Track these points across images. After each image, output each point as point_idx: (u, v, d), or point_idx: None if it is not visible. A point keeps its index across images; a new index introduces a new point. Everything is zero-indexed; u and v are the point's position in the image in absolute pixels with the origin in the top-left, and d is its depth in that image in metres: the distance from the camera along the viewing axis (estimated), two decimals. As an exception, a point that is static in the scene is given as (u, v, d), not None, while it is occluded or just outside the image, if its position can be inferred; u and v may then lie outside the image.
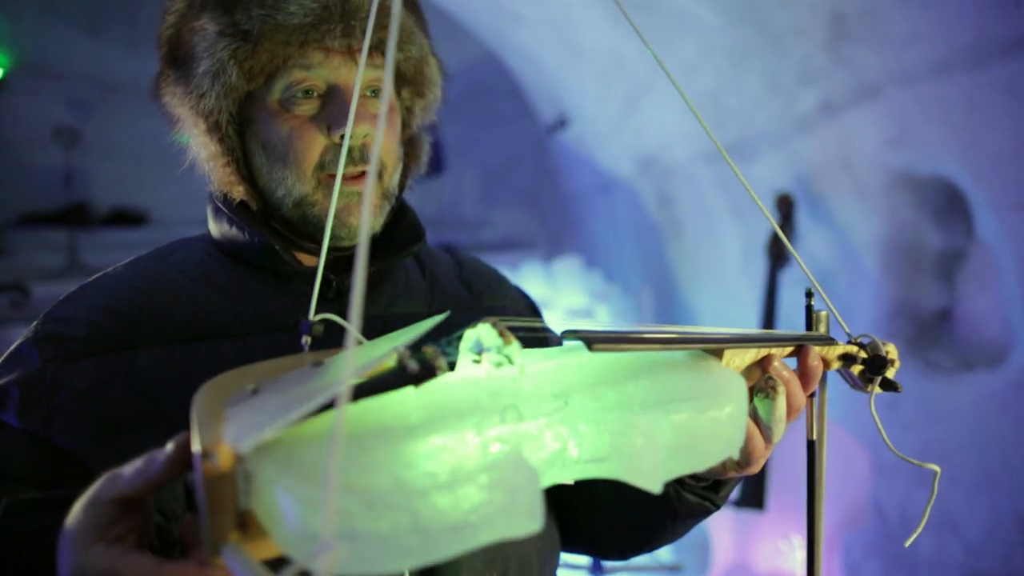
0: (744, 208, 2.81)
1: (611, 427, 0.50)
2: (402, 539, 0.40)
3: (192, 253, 0.85)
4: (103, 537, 0.46)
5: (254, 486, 0.42)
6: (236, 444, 0.41)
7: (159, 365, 0.74)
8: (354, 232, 0.80)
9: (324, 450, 0.43)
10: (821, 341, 0.69)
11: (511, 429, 0.48)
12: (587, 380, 0.55)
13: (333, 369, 0.52)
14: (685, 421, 0.53)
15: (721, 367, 0.60)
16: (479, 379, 0.53)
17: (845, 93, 2.21)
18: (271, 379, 0.52)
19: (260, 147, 0.80)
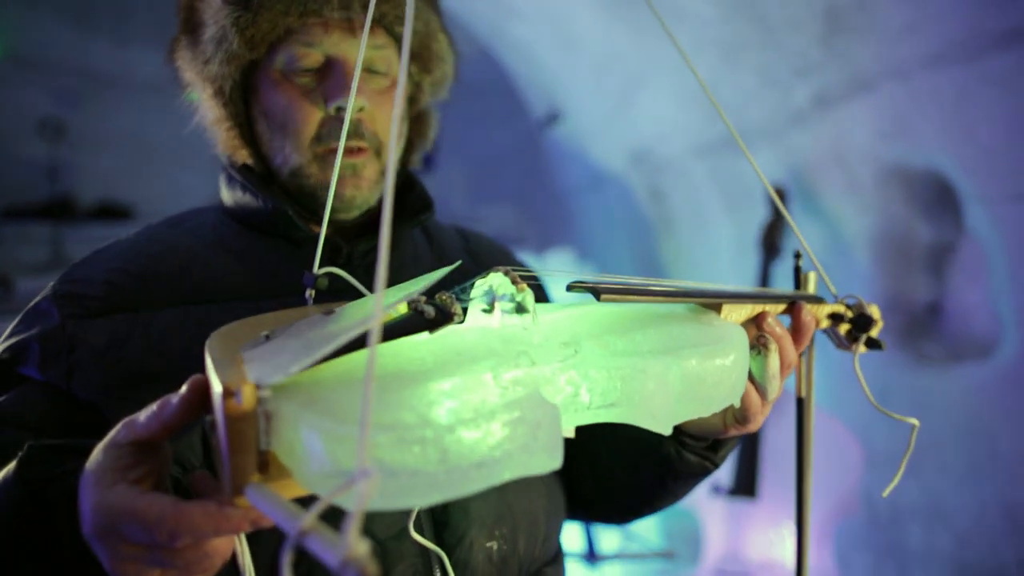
0: (736, 202, 2.83)
1: (622, 373, 0.52)
2: (430, 473, 0.40)
3: (205, 220, 0.87)
4: (123, 478, 0.47)
5: (275, 425, 0.42)
6: (263, 381, 0.41)
7: (174, 325, 0.75)
8: (348, 204, 0.82)
9: (346, 388, 0.44)
10: (812, 300, 0.72)
11: (527, 372, 0.49)
12: (595, 329, 0.57)
13: (349, 313, 0.53)
14: (693, 367, 0.55)
15: (721, 320, 0.63)
16: (491, 327, 0.54)
17: (839, 86, 2.22)
18: (283, 327, 0.52)
19: (262, 115, 0.82)
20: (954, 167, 2.10)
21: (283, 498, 0.40)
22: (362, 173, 0.81)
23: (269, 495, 0.40)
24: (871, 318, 0.72)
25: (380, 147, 0.82)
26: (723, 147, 2.76)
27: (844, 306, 0.74)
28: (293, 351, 0.44)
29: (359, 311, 0.53)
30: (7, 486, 0.56)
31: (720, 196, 2.90)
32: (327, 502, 0.35)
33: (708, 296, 0.64)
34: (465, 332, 0.53)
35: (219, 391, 0.42)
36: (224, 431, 0.42)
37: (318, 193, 0.81)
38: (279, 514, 0.38)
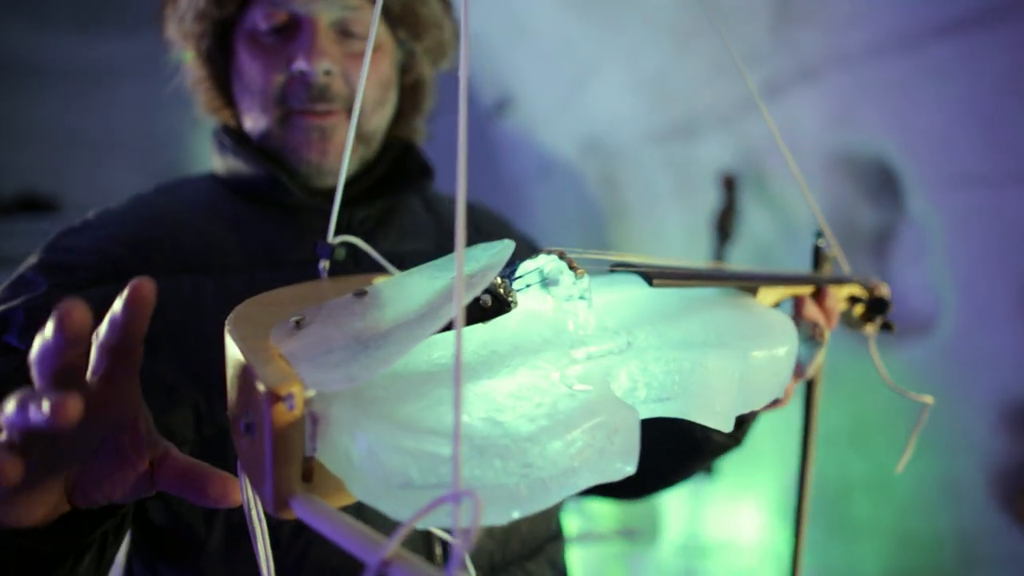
0: (686, 188, 2.87)
1: (680, 366, 0.48)
2: (511, 488, 0.36)
3: (198, 187, 0.84)
4: None
5: (324, 430, 0.38)
6: (325, 387, 0.37)
7: (166, 294, 0.72)
8: (316, 169, 0.79)
9: (405, 386, 0.39)
10: (838, 281, 0.72)
11: (589, 368, 0.45)
12: (642, 316, 0.53)
13: (391, 297, 0.48)
14: (755, 360, 0.52)
15: (763, 306, 0.61)
16: (539, 314, 0.50)
17: (787, 75, 2.28)
18: (312, 310, 0.47)
19: (236, 76, 0.80)
20: (896, 153, 2.18)
21: (344, 515, 0.36)
22: (331, 137, 0.78)
23: (325, 509, 0.37)
24: (887, 300, 0.72)
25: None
26: (674, 134, 2.80)
27: (861, 287, 0.74)
28: (346, 347, 0.40)
29: (402, 293, 0.48)
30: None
31: (671, 182, 2.94)
32: (411, 526, 0.32)
33: (745, 279, 0.62)
34: (511, 320, 0.48)
35: (264, 394, 0.37)
36: (270, 439, 0.37)
37: (284, 156, 0.78)
38: (345, 535, 0.34)
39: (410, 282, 0.51)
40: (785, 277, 0.67)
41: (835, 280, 0.72)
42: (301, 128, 0.77)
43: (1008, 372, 2.03)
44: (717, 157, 2.61)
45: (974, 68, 1.87)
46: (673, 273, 0.55)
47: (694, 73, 2.54)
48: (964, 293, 2.10)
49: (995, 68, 1.82)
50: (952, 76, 1.92)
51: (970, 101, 1.91)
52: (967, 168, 2.01)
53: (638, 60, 2.63)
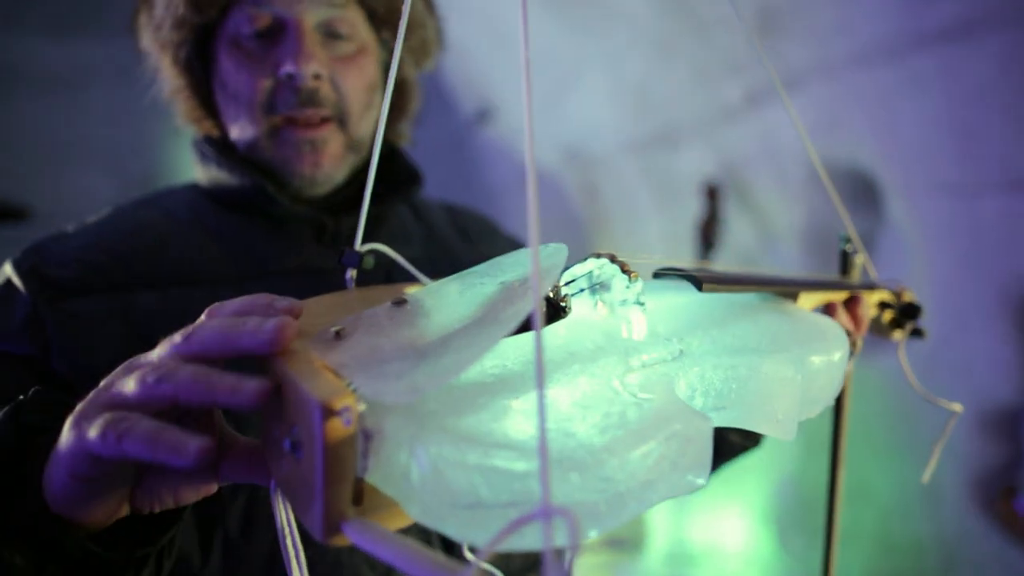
0: (668, 198, 2.89)
1: (738, 373, 0.46)
2: (590, 504, 0.34)
3: (179, 199, 0.81)
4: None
5: (377, 447, 0.35)
6: (389, 398, 0.33)
7: (156, 308, 0.70)
8: (309, 182, 0.76)
9: (462, 398, 0.37)
10: (871, 287, 0.71)
11: (648, 375, 0.43)
12: (693, 322, 0.51)
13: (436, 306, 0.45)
14: (814, 365, 0.50)
15: (809, 312, 0.59)
16: (589, 320, 0.47)
17: (769, 84, 2.31)
18: (350, 320, 0.44)
19: (219, 84, 0.77)
20: (877, 162, 2.22)
21: (407, 539, 0.33)
22: (322, 149, 0.75)
23: (384, 533, 0.33)
24: (918, 307, 0.72)
25: (345, 117, 0.76)
26: (655, 143, 2.81)
27: (891, 293, 0.74)
28: (402, 357, 0.37)
29: (446, 302, 0.46)
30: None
31: (652, 191, 2.96)
32: (494, 547, 0.29)
33: (788, 284, 0.61)
34: (562, 327, 0.46)
35: (317, 408, 0.34)
36: (322, 458, 0.34)
37: (275, 168, 0.76)
38: (411, 560, 0.31)
39: (451, 290, 0.48)
40: (823, 283, 0.66)
41: (867, 286, 0.72)
42: (292, 142, 0.74)
43: (986, 378, 2.06)
44: (698, 166, 2.63)
45: (954, 79, 1.91)
46: (722, 278, 0.53)
47: (676, 82, 2.56)
48: (942, 300, 2.13)
49: (974, 79, 1.86)
50: (932, 87, 1.96)
51: (949, 111, 1.95)
52: (945, 177, 2.04)
53: (619, 69, 2.65)
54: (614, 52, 2.63)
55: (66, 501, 0.43)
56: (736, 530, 2.16)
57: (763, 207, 2.54)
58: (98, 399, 0.42)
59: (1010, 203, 1.91)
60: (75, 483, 0.42)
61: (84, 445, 0.40)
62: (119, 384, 0.42)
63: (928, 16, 1.85)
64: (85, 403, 0.42)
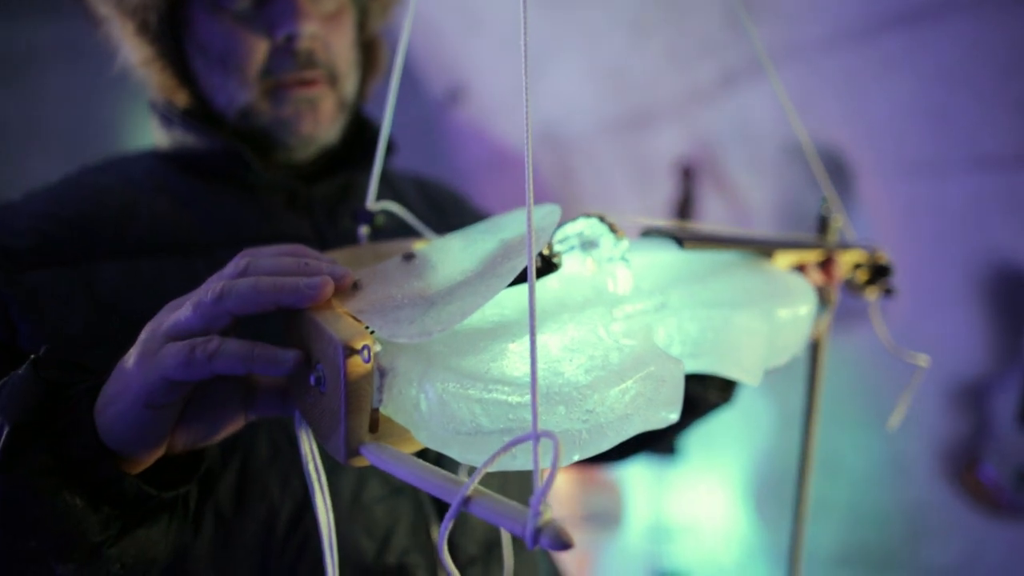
0: (642, 179, 2.90)
1: (714, 324, 0.51)
2: (574, 433, 0.38)
3: (137, 165, 0.76)
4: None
5: (392, 382, 0.40)
6: (403, 336, 0.38)
7: (123, 280, 0.66)
8: (307, 141, 0.75)
9: (467, 338, 0.41)
10: (846, 247, 0.75)
11: (630, 324, 0.47)
12: (674, 278, 0.56)
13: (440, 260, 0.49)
14: (781, 318, 0.56)
15: (781, 270, 0.64)
16: (579, 275, 0.52)
17: (742, 66, 2.32)
18: (366, 272, 0.49)
19: (199, 51, 0.73)
20: (846, 143, 2.25)
21: (416, 459, 0.37)
22: (319, 107, 0.74)
23: (397, 455, 0.38)
24: (888, 266, 0.76)
25: (335, 76, 0.75)
26: (630, 124, 2.82)
27: (865, 254, 0.77)
28: (413, 304, 0.41)
29: (451, 256, 0.50)
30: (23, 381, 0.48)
31: (627, 173, 2.97)
32: (489, 465, 0.33)
33: (765, 244, 0.65)
34: (554, 281, 0.51)
35: (340, 346, 0.38)
36: (344, 390, 0.39)
37: (272, 131, 0.73)
38: (421, 476, 0.35)
39: (455, 246, 0.52)
40: (798, 243, 0.71)
41: (842, 247, 0.76)
42: (290, 100, 0.72)
43: (953, 354, 2.12)
44: (673, 147, 2.65)
45: (922, 60, 1.94)
46: (703, 237, 0.58)
47: (651, 63, 2.56)
48: (910, 279, 2.18)
49: (943, 61, 1.90)
50: (901, 68, 1.99)
51: (918, 93, 1.99)
52: (914, 157, 2.09)
53: (594, 50, 2.64)
54: (589, 32, 2.62)
55: (128, 438, 0.45)
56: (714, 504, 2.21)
57: (737, 187, 2.57)
58: (155, 334, 0.44)
59: (979, 182, 1.96)
60: (148, 414, 0.44)
61: (163, 374, 0.42)
62: (172, 318, 0.43)
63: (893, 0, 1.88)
64: (142, 342, 0.44)
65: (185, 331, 0.43)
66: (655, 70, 2.56)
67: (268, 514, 0.65)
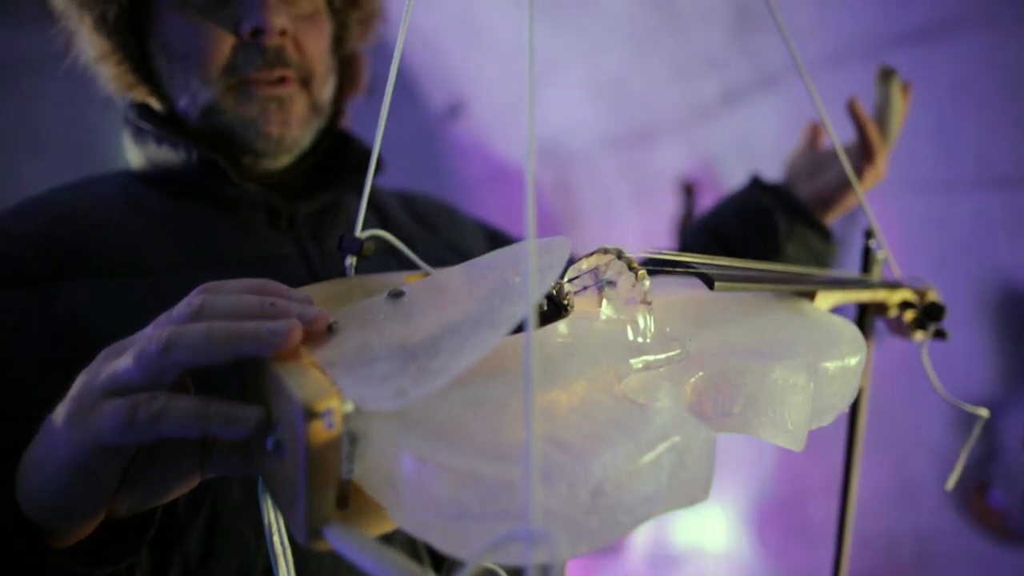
0: (644, 195, 2.87)
1: (747, 378, 0.44)
2: (578, 520, 0.32)
3: (110, 185, 0.72)
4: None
5: (363, 450, 0.33)
6: (371, 404, 0.32)
7: (87, 302, 0.61)
8: (277, 144, 0.70)
9: (451, 400, 0.34)
10: (893, 286, 0.69)
11: (652, 378, 0.40)
12: (702, 321, 0.49)
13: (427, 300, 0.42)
14: (825, 371, 0.48)
15: (825, 312, 0.57)
16: (593, 318, 0.45)
17: (747, 81, 2.30)
18: (344, 312, 0.42)
19: (160, 48, 0.69)
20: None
21: (389, 550, 0.31)
22: (289, 108, 0.69)
23: (365, 541, 0.32)
24: (941, 307, 0.70)
25: (309, 78, 0.71)
26: (632, 140, 2.79)
27: (914, 292, 0.72)
28: (391, 356, 0.35)
29: (444, 296, 0.43)
30: None
31: (628, 189, 2.94)
32: (476, 567, 0.27)
33: (805, 282, 0.59)
34: (563, 325, 0.44)
35: (299, 409, 0.32)
36: (304, 461, 0.32)
37: (238, 132, 0.69)
38: (390, 572, 0.30)
39: (450, 282, 0.46)
40: (841, 280, 0.65)
41: (888, 284, 0.70)
42: (257, 98, 0.68)
43: (960, 374, 2.08)
44: (675, 163, 2.62)
45: (929, 78, 1.91)
46: (736, 276, 0.51)
47: (653, 78, 2.54)
48: (917, 297, 2.15)
49: (948, 78, 1.87)
50: (907, 85, 1.96)
51: (924, 110, 1.96)
52: (920, 174, 2.06)
53: (595, 64, 2.62)
54: (590, 47, 2.60)
55: (56, 508, 0.39)
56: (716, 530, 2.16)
57: (739, 204, 2.54)
58: (90, 388, 0.38)
59: (985, 201, 1.93)
60: (81, 482, 0.38)
61: (98, 437, 0.36)
62: (111, 369, 0.37)
63: (903, 16, 1.85)
64: (74, 398, 0.38)
65: (125, 386, 0.37)
66: (657, 86, 2.53)
67: (242, 566, 0.60)
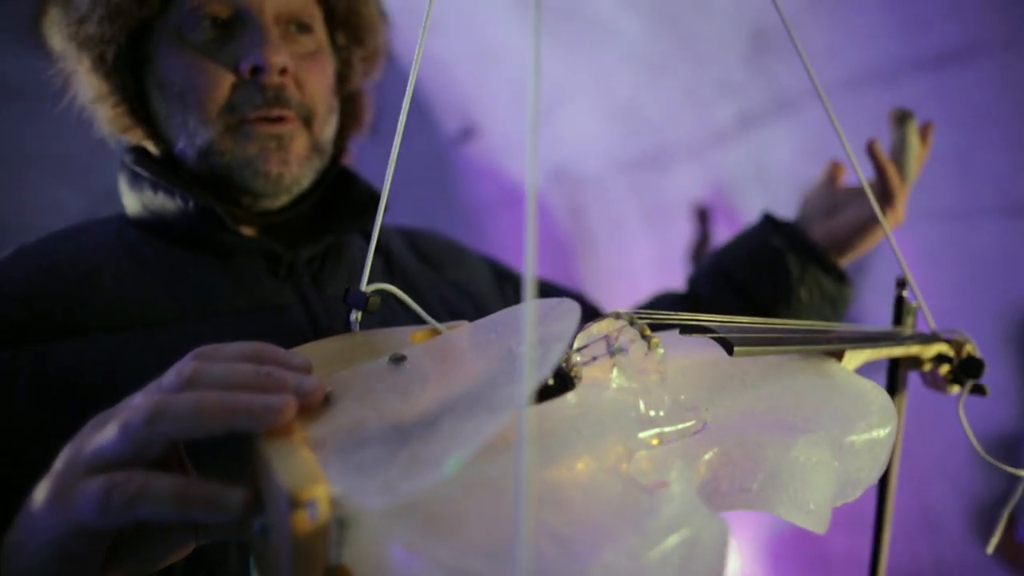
0: (657, 219, 2.85)
1: (766, 452, 0.41)
2: None
3: (105, 231, 0.69)
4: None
5: (352, 537, 0.32)
6: (356, 500, 0.30)
7: (77, 360, 0.58)
8: (275, 184, 0.68)
9: (446, 489, 0.32)
10: (927, 339, 0.65)
11: (663, 455, 0.38)
12: (719, 388, 0.46)
13: (428, 371, 0.40)
14: (851, 445, 0.45)
15: (852, 375, 0.53)
16: (602, 387, 0.42)
17: (762, 106, 2.28)
18: (343, 379, 0.40)
19: (158, 88, 0.67)
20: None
21: None
22: (289, 146, 0.67)
23: None
24: (980, 362, 0.66)
25: (310, 117, 0.69)
26: (644, 164, 2.78)
27: (949, 345, 0.68)
28: (383, 439, 0.33)
29: (448, 364, 0.41)
30: None
31: (641, 213, 2.92)
32: None
33: (831, 340, 0.55)
34: (570, 396, 0.41)
35: (283, 498, 0.30)
36: (288, 549, 0.31)
37: (236, 172, 0.66)
38: None
39: (457, 346, 0.43)
40: (872, 336, 0.61)
41: (923, 338, 0.66)
42: (255, 137, 0.66)
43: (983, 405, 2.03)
44: (689, 188, 2.60)
45: (948, 103, 1.89)
46: (758, 338, 0.48)
47: (667, 103, 2.53)
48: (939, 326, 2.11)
49: (968, 104, 1.84)
50: (926, 110, 1.93)
51: (944, 136, 1.93)
52: (941, 202, 2.02)
53: (608, 88, 2.61)
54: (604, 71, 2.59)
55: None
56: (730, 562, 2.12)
57: (755, 230, 2.52)
58: (74, 465, 0.36)
59: (1008, 228, 1.89)
60: (64, 565, 0.36)
61: (78, 519, 0.34)
62: (95, 443, 0.35)
63: (922, 40, 1.83)
64: (57, 475, 0.36)
65: (108, 461, 0.35)
66: (671, 110, 2.52)
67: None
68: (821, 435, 0.43)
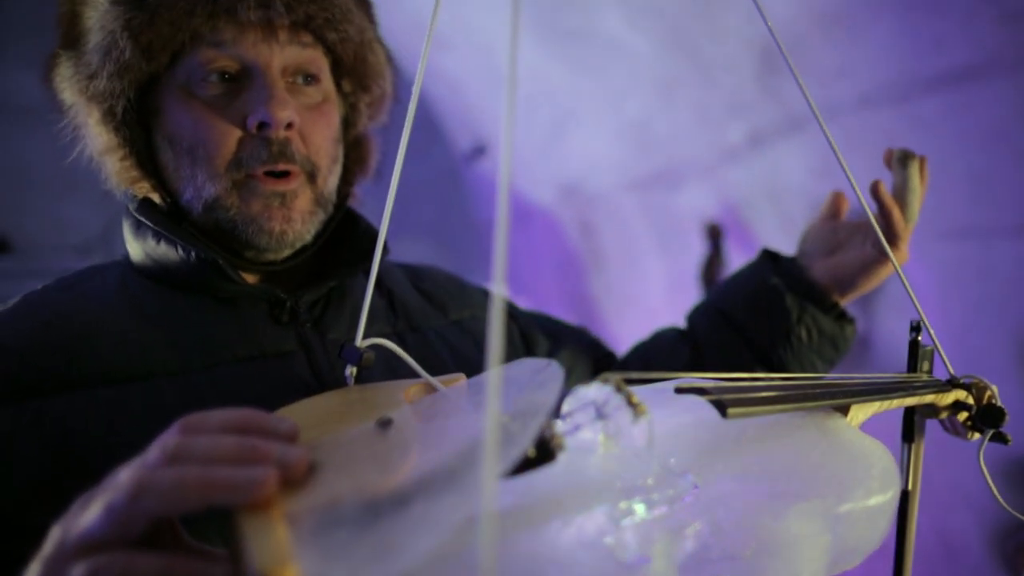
0: (668, 237, 2.84)
1: (758, 519, 0.40)
2: None
3: (108, 279, 0.70)
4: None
5: None
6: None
7: (79, 414, 0.58)
8: (278, 241, 0.68)
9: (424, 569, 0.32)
10: (943, 386, 0.63)
11: (649, 527, 0.37)
12: (710, 451, 0.44)
13: (412, 435, 0.39)
14: (847, 515, 0.43)
15: (855, 432, 0.51)
16: (587, 455, 0.41)
17: (773, 125, 2.27)
18: (329, 445, 0.39)
19: (166, 141, 0.68)
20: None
21: None
22: (292, 204, 0.68)
23: None
24: (1001, 410, 0.64)
25: (314, 172, 0.69)
26: (655, 182, 2.77)
27: (968, 392, 0.66)
28: (355, 517, 0.33)
29: (432, 431, 0.40)
30: None
31: (652, 231, 2.91)
32: None
33: (834, 395, 0.53)
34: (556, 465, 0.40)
35: (254, 571, 0.31)
36: None
37: (240, 228, 0.67)
38: None
39: (445, 409, 0.43)
40: (881, 385, 0.59)
41: (938, 385, 0.64)
42: (260, 194, 0.66)
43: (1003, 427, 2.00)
44: (700, 207, 2.59)
45: (961, 122, 1.87)
46: (753, 400, 0.46)
47: (677, 122, 2.53)
48: (955, 347, 2.08)
49: (982, 122, 1.83)
50: (939, 129, 1.92)
51: (957, 154, 1.91)
52: (955, 221, 2.00)
53: (620, 107, 2.61)
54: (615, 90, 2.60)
55: None
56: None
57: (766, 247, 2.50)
58: (60, 547, 0.36)
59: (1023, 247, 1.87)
60: None
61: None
62: (80, 524, 0.35)
63: (934, 59, 1.82)
64: (45, 559, 0.36)
65: (94, 542, 0.35)
66: (681, 129, 2.52)
67: None
68: (815, 503, 0.42)
